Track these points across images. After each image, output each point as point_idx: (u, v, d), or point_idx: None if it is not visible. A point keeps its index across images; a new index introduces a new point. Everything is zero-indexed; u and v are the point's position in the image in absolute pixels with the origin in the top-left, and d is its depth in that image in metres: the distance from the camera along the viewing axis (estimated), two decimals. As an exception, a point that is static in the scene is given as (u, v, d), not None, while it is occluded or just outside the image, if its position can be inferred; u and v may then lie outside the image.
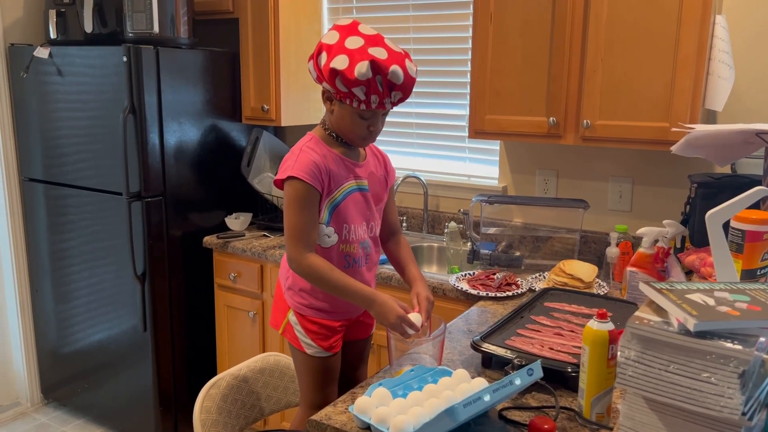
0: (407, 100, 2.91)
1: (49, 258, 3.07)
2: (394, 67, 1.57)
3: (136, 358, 2.83)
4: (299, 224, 1.65)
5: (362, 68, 1.54)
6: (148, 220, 2.70)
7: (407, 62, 1.61)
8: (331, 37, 1.62)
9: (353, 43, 1.58)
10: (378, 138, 3.05)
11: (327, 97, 1.69)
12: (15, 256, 3.13)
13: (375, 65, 1.55)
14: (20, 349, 3.22)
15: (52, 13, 2.83)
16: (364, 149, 1.83)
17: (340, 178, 1.72)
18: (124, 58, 2.56)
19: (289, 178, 1.66)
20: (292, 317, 1.84)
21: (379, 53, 1.57)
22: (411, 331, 1.58)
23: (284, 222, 1.69)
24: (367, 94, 1.59)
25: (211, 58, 2.89)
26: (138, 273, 2.72)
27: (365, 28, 1.64)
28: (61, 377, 3.18)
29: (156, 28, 2.67)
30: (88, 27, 2.73)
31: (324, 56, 1.61)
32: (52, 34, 2.85)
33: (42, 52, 2.82)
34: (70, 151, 2.86)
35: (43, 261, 3.10)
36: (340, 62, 1.56)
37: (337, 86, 1.60)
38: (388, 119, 3.02)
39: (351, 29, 1.62)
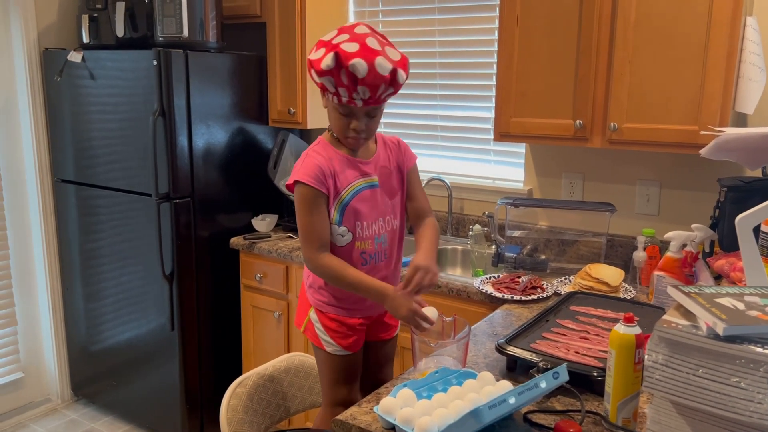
0: (434, 102, 2.95)
1: (79, 257, 3.13)
2: (356, 60, 1.56)
3: (164, 356, 2.88)
4: (309, 226, 1.71)
5: (327, 59, 1.57)
6: (177, 221, 2.74)
7: (380, 59, 1.58)
8: (328, 35, 1.66)
9: (338, 39, 1.61)
10: (403, 139, 3.07)
11: (322, 93, 1.74)
12: (47, 256, 3.20)
13: (338, 57, 1.57)
14: (51, 347, 3.29)
15: (85, 18, 2.90)
16: (375, 144, 1.84)
17: (347, 178, 1.75)
18: (154, 62, 2.61)
19: (296, 182, 1.72)
20: (312, 315, 1.88)
21: (350, 47, 1.57)
22: (426, 325, 1.60)
23: (297, 225, 1.75)
24: (336, 86, 1.61)
25: (239, 62, 2.92)
26: (166, 273, 2.76)
27: (362, 28, 1.65)
28: (91, 374, 3.24)
29: (185, 32, 2.71)
30: (120, 31, 2.78)
31: (314, 49, 1.66)
32: (85, 39, 2.92)
33: (75, 56, 2.88)
34: (101, 153, 2.92)
35: (74, 260, 3.17)
36: (315, 54, 1.62)
37: (313, 77, 1.65)
38: (413, 121, 3.04)
39: (347, 28, 1.65)
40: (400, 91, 3.03)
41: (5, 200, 3.11)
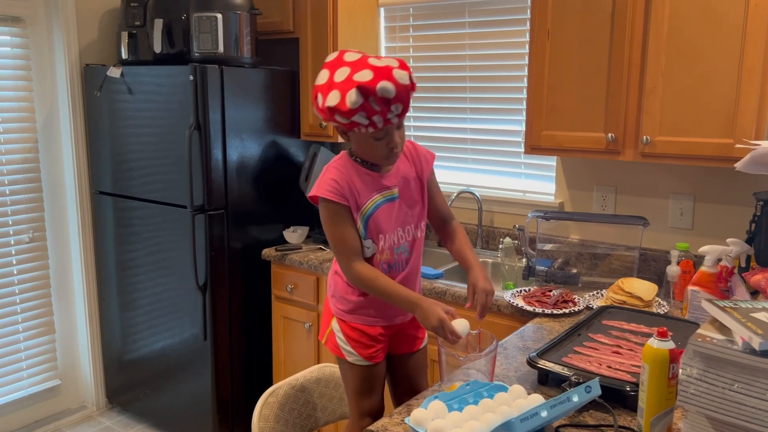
0: (464, 115, 2.96)
1: (116, 267, 3.20)
2: (382, 84, 1.58)
3: (196, 366, 2.92)
4: (337, 238, 1.76)
5: (352, 96, 1.58)
6: (211, 233, 2.79)
7: (396, 72, 1.60)
8: (322, 77, 1.67)
9: (340, 75, 1.62)
10: (432, 150, 3.09)
11: (340, 131, 1.75)
12: (85, 266, 3.28)
13: (362, 89, 1.57)
14: (87, 355, 3.36)
15: (124, 35, 2.99)
16: None
17: (367, 193, 1.77)
18: (191, 77, 2.68)
19: (320, 198, 1.75)
20: (334, 325, 1.91)
21: (364, 76, 1.58)
22: (453, 338, 1.61)
23: (327, 239, 1.79)
24: (369, 117, 1.62)
25: (272, 77, 2.98)
26: (200, 283, 2.81)
27: (350, 56, 1.66)
28: (125, 383, 3.30)
29: (221, 48, 2.78)
30: (158, 47, 2.86)
31: (320, 98, 1.66)
32: (124, 55, 3.01)
33: (114, 72, 2.97)
34: (138, 166, 2.99)
35: (110, 270, 3.24)
36: (333, 98, 1.61)
37: (339, 121, 1.65)
38: (443, 134, 3.05)
39: (337, 62, 1.65)
40: (430, 105, 3.07)
41: (46, 211, 3.21)
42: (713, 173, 2.37)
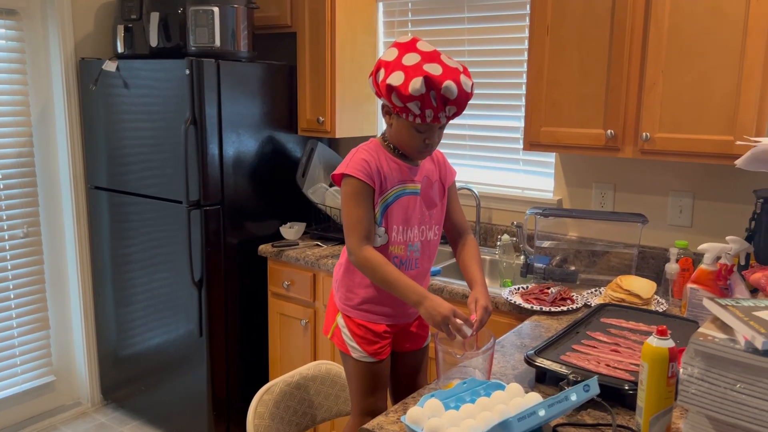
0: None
1: (111, 263, 3.18)
2: (448, 83, 1.61)
3: (192, 362, 2.90)
4: (354, 218, 1.74)
5: (416, 84, 1.60)
6: (207, 228, 2.77)
7: (462, 77, 1.65)
8: (390, 54, 1.69)
9: (410, 59, 1.64)
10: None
11: (386, 111, 1.77)
12: (80, 261, 3.26)
13: (429, 81, 1.60)
14: (82, 351, 3.34)
15: (120, 29, 2.96)
16: None
17: (392, 180, 1.77)
18: (187, 71, 2.65)
19: (345, 175, 1.75)
20: (339, 320, 1.90)
21: (434, 69, 1.62)
22: (458, 336, 1.60)
23: (342, 217, 1.78)
24: (422, 109, 1.65)
25: (270, 71, 2.95)
26: (195, 279, 2.79)
27: (423, 45, 1.69)
28: (120, 379, 3.28)
29: (217, 42, 2.75)
30: (153, 41, 2.84)
31: (382, 72, 1.69)
32: (120, 49, 2.98)
33: (110, 66, 2.94)
34: (133, 161, 2.97)
35: (105, 266, 3.22)
36: (396, 78, 1.63)
37: (393, 101, 1.67)
38: (441, 131, 3.03)
39: (409, 46, 1.68)
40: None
41: (41, 206, 3.18)
42: (713, 170, 2.35)
